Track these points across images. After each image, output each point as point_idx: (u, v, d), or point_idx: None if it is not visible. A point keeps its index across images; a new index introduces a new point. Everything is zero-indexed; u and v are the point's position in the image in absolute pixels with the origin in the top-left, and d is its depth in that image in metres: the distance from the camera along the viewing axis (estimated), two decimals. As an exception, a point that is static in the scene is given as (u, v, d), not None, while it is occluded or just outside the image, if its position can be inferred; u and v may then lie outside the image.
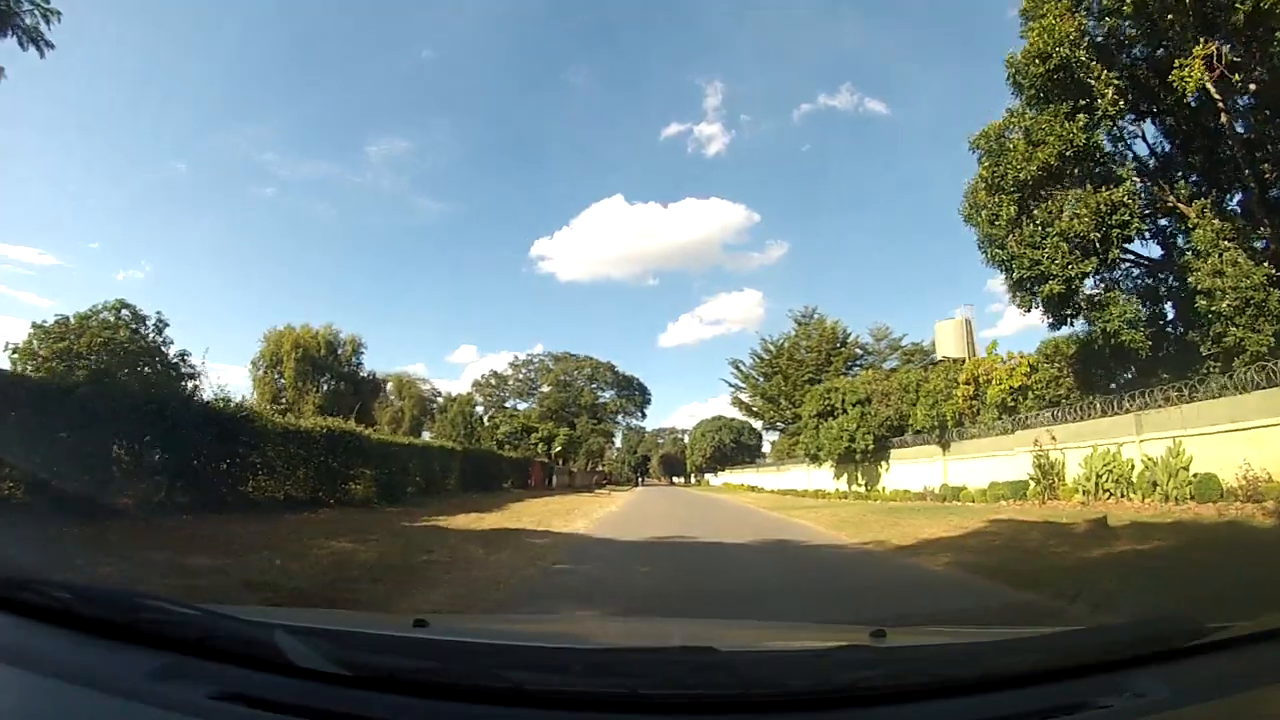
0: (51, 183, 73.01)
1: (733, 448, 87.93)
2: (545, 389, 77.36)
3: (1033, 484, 16.80)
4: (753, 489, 53.09)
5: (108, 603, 1.39)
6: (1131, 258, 15.65)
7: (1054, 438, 16.66)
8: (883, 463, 27.02)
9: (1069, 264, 15.44)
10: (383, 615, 4.09)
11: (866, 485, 27.76)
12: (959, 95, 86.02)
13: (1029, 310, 20.06)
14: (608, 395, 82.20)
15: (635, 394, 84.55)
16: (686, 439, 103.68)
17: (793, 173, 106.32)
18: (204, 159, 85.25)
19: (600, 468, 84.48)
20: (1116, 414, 15.33)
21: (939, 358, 27.08)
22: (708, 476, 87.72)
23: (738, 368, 51.64)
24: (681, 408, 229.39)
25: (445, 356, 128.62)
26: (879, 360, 44.91)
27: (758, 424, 62.55)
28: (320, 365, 34.54)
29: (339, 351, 35.65)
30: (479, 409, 63.86)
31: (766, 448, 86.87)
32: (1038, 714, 1.11)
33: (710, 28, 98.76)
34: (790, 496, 35.85)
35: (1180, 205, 16.60)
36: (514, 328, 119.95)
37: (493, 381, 77.45)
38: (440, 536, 11.48)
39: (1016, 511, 14.81)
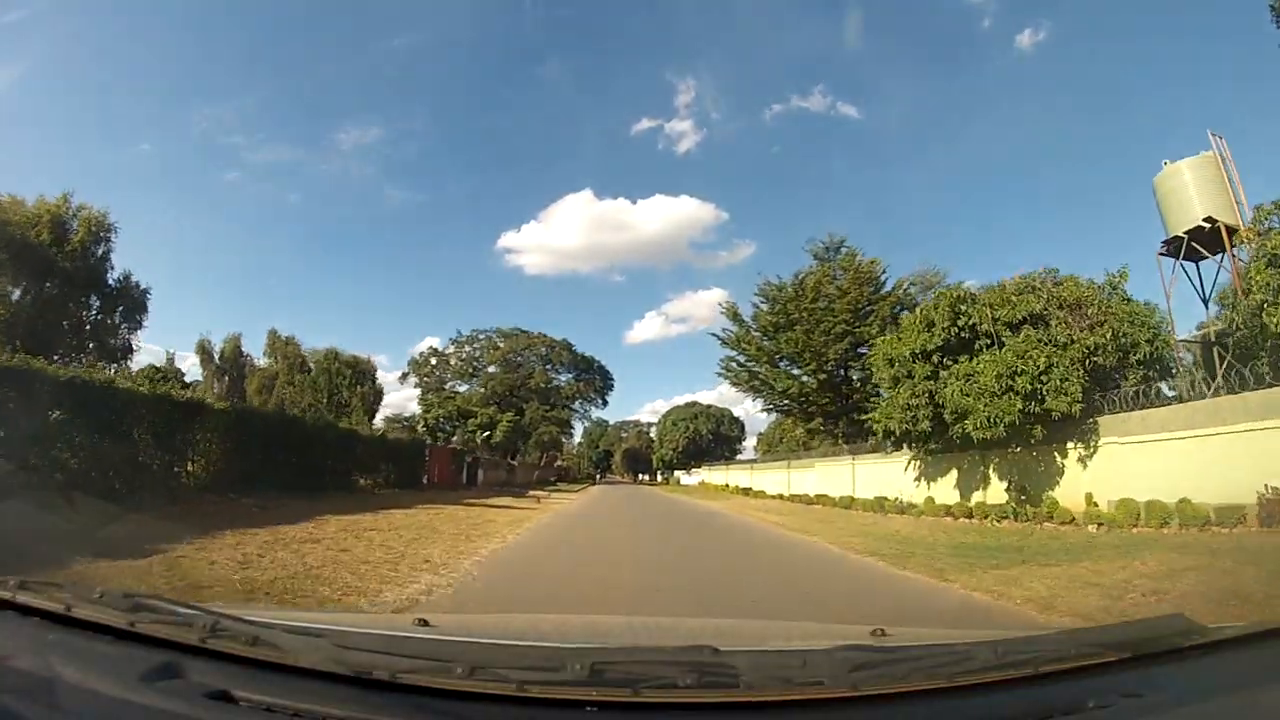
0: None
1: (710, 439, 74.92)
2: (491, 369, 62.75)
3: None
4: (747, 492, 39.54)
5: (108, 603, 1.37)
6: None
7: None
8: (1070, 446, 13.30)
9: None
10: (383, 615, 4.43)
11: (1022, 495, 13.94)
12: (931, 101, 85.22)
13: None
14: (564, 378, 68.42)
15: (595, 378, 70.32)
16: (654, 432, 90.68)
17: (763, 173, 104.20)
18: (168, 141, 79.56)
19: (558, 462, 71.08)
20: None
21: (1174, 234, 13.48)
22: (678, 474, 74.87)
23: (736, 316, 37.02)
24: (647, 404, 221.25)
25: (409, 349, 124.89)
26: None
27: (754, 404, 49.22)
28: (35, 255, 19.38)
29: (70, 238, 20.36)
30: (389, 380, 49.30)
31: (750, 440, 74.38)
32: (1037, 714, 1.08)
33: (684, 25, 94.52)
34: (835, 510, 22.40)
35: None
36: (479, 320, 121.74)
37: (432, 360, 62.27)
38: None
39: None
